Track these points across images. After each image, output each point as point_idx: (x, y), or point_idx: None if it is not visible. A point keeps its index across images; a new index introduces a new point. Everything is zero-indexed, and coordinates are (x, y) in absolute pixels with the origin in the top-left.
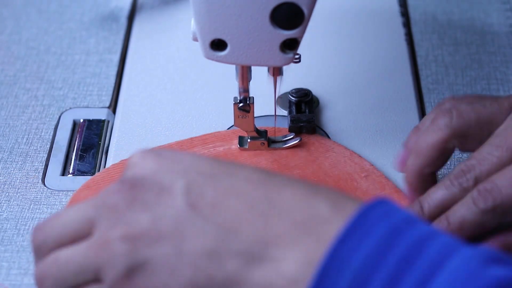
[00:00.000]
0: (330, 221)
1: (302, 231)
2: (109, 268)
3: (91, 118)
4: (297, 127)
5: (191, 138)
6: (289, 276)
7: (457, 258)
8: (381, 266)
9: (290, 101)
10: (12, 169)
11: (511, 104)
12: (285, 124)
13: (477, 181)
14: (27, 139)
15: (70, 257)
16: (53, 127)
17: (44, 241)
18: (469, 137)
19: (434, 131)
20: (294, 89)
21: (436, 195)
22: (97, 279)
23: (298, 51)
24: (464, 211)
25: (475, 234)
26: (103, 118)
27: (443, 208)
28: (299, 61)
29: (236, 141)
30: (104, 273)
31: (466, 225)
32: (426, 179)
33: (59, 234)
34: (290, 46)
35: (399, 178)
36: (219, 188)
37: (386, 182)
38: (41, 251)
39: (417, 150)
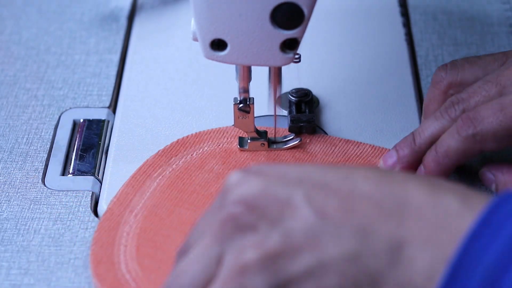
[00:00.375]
0: (461, 216)
1: (434, 227)
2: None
3: (91, 118)
4: (297, 127)
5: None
6: (426, 274)
7: None
8: None
9: (290, 101)
10: (12, 169)
11: (506, 55)
12: (285, 125)
13: (464, 112)
14: (27, 139)
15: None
16: (53, 127)
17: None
18: (465, 85)
19: (433, 85)
20: (294, 89)
21: (427, 126)
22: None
23: (298, 51)
24: (449, 140)
25: (461, 161)
26: (103, 118)
27: (434, 139)
28: (299, 61)
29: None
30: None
31: (450, 153)
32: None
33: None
34: (290, 46)
35: None
36: (340, 193)
37: None
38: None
39: (424, 110)
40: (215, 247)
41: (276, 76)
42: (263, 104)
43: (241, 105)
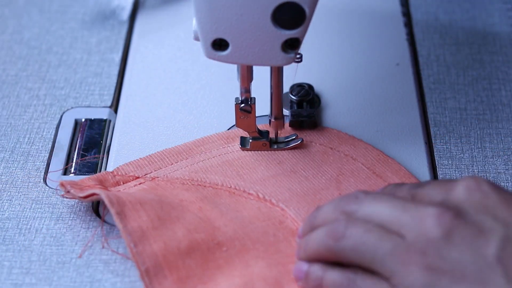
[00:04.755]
0: None
1: None
2: (406, 286)
3: (92, 117)
4: (297, 122)
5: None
6: None
7: None
8: None
9: (291, 101)
10: (13, 168)
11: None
12: (286, 125)
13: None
14: (28, 139)
15: (379, 241)
16: (55, 126)
17: (356, 210)
18: None
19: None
20: (295, 84)
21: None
22: (386, 278)
23: (300, 51)
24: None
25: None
26: (104, 118)
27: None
28: (301, 60)
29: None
30: (399, 284)
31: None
32: None
33: (373, 214)
34: (292, 45)
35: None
36: None
37: None
38: (348, 214)
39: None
40: (407, 219)
41: (277, 75)
42: (264, 104)
43: (242, 105)
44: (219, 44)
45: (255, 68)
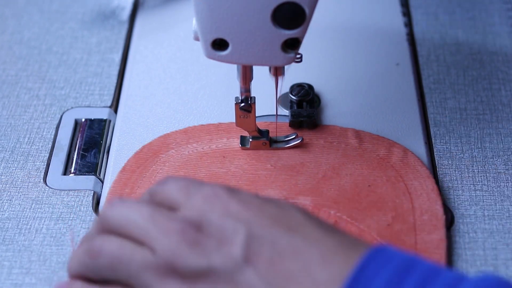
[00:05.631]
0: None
1: None
2: None
3: (92, 117)
4: (297, 122)
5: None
6: None
7: None
8: None
9: (291, 101)
10: (13, 168)
11: None
12: (286, 125)
13: None
14: (28, 139)
15: (132, 256)
16: (55, 126)
17: (110, 220)
18: None
19: None
20: (295, 84)
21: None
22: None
23: (300, 51)
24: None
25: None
26: (104, 118)
27: None
28: (301, 60)
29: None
30: None
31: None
32: None
33: (124, 226)
34: (292, 45)
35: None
36: (277, 245)
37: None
38: (103, 223)
39: None
40: (154, 233)
41: (279, 69)
42: (264, 103)
43: (242, 104)
44: (219, 44)
45: (255, 68)
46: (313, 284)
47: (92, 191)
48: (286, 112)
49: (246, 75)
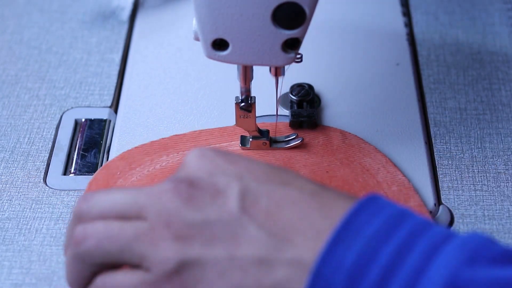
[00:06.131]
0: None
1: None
2: (159, 262)
3: (92, 117)
4: (297, 122)
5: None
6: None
7: (445, 253)
8: (374, 262)
9: (291, 101)
10: (13, 168)
11: None
12: (286, 125)
13: None
14: (28, 139)
15: (121, 230)
16: (55, 126)
17: (89, 210)
18: None
19: None
20: (295, 84)
21: None
22: (139, 265)
23: (300, 51)
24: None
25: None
26: (104, 118)
27: None
28: (301, 60)
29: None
30: (152, 264)
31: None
32: None
33: (107, 208)
34: (292, 45)
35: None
36: (274, 196)
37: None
38: (82, 217)
39: None
40: (144, 198)
41: (278, 69)
42: (264, 103)
43: (242, 104)
44: (219, 44)
45: (255, 68)
46: (316, 232)
47: None
48: (286, 112)
49: (246, 75)
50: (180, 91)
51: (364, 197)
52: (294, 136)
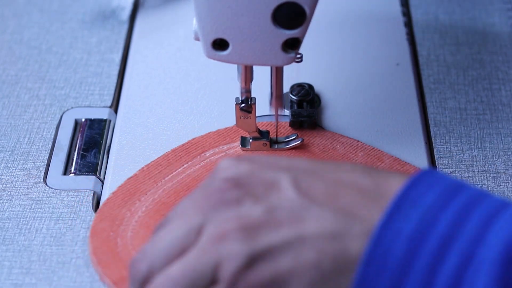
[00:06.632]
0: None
1: None
2: (229, 261)
3: (92, 117)
4: (297, 122)
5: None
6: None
7: (502, 220)
8: (433, 230)
9: (291, 101)
10: (13, 168)
11: None
12: (286, 124)
13: None
14: (28, 139)
15: (184, 268)
16: (55, 126)
17: (150, 270)
18: None
19: None
20: (295, 84)
21: None
22: (214, 281)
23: (300, 51)
24: None
25: None
26: (104, 118)
27: None
28: (301, 60)
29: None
30: (223, 269)
31: None
32: None
33: (166, 255)
34: (292, 45)
35: None
36: (327, 180)
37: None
38: (147, 280)
39: None
40: (197, 218)
41: (277, 75)
42: (264, 104)
43: (242, 105)
44: (219, 44)
45: (255, 68)
46: (379, 206)
47: (92, 191)
48: (286, 112)
49: (247, 76)
50: (180, 91)
51: (419, 171)
52: (294, 137)
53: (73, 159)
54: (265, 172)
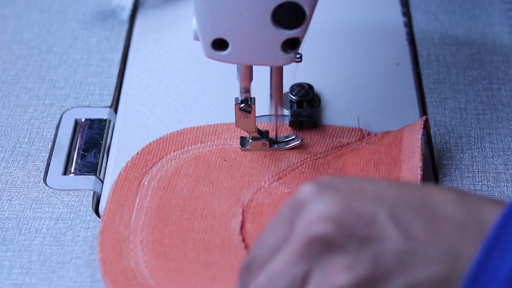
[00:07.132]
0: None
1: None
2: None
3: (92, 117)
4: (297, 122)
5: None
6: None
7: None
8: None
9: (291, 101)
10: (13, 168)
11: None
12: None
13: None
14: (28, 139)
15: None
16: (55, 126)
17: None
18: None
19: None
20: (295, 84)
21: None
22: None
23: (300, 51)
24: None
25: None
26: (104, 118)
27: None
28: (301, 60)
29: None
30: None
31: None
32: None
33: None
34: (292, 45)
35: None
36: (424, 214)
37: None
38: None
39: None
40: (301, 265)
41: (277, 75)
42: (264, 104)
43: (242, 105)
44: (219, 44)
45: (255, 68)
46: (478, 245)
47: (92, 191)
48: (286, 112)
49: (246, 76)
50: (180, 91)
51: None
52: (293, 137)
53: (73, 159)
54: (359, 206)
